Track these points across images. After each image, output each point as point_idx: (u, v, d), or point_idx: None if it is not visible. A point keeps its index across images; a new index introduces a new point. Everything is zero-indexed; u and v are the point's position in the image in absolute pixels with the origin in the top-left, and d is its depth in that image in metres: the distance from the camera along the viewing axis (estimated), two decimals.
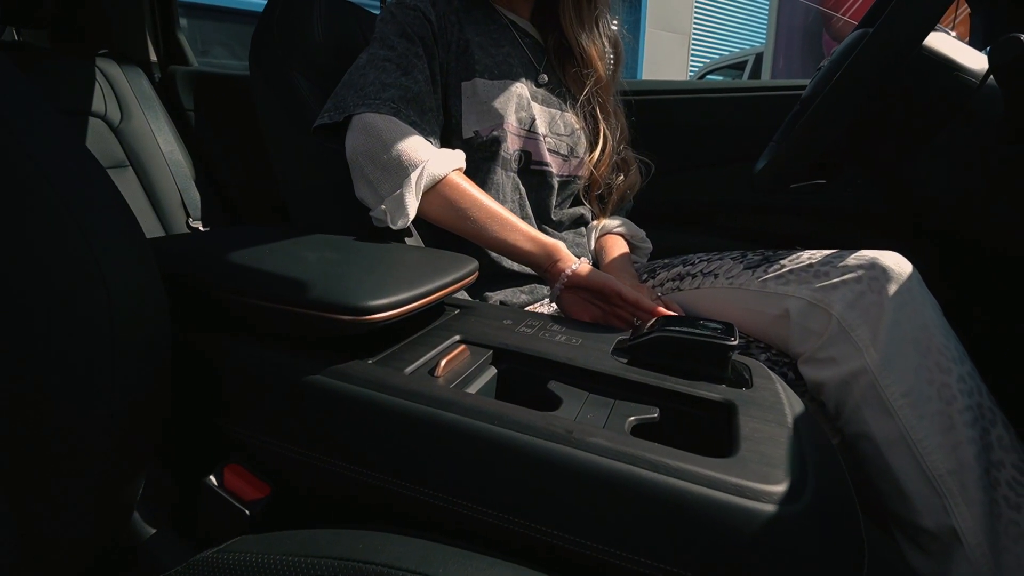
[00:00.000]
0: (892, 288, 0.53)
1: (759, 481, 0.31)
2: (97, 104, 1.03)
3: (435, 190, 0.62)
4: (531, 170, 0.75)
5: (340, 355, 0.40)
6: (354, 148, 0.62)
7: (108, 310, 0.28)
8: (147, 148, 1.06)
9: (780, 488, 0.31)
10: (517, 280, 0.73)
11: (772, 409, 0.40)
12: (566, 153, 0.77)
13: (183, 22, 1.39)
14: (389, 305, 0.40)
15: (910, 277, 0.54)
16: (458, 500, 0.35)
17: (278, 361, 0.40)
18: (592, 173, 0.80)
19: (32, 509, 0.28)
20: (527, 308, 0.72)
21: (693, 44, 7.54)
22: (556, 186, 0.77)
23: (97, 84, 1.05)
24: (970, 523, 0.49)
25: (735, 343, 0.43)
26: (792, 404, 0.41)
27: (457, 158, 0.65)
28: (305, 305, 0.39)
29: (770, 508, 0.30)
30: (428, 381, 0.39)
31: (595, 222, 0.85)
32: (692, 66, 7.42)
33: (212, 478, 0.39)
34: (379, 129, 0.61)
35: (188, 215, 1.06)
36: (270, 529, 0.33)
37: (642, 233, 0.86)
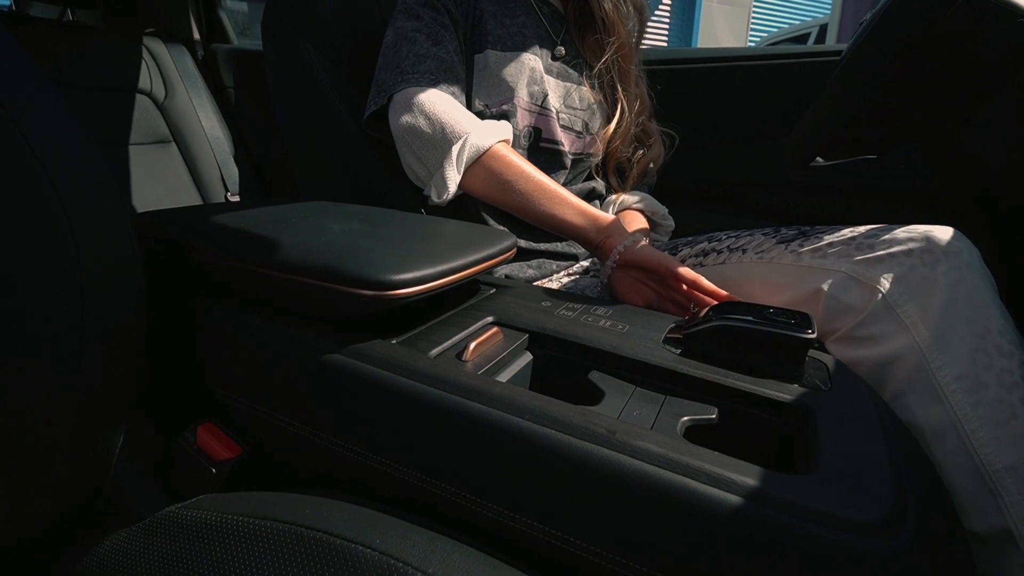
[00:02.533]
0: (948, 263, 0.47)
1: (846, 507, 0.25)
2: (143, 81, 1.05)
3: (479, 163, 0.59)
4: (541, 147, 0.70)
5: (361, 333, 0.37)
6: (398, 125, 0.60)
7: (77, 263, 0.27)
8: (189, 124, 1.07)
9: (874, 517, 0.25)
10: (525, 255, 0.70)
11: (858, 416, 0.33)
12: (580, 129, 0.72)
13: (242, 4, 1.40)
14: (415, 280, 0.36)
15: (968, 252, 0.48)
16: (475, 498, 0.31)
17: (290, 336, 0.37)
18: (609, 147, 0.74)
19: (7, 456, 0.28)
20: (534, 284, 0.68)
21: (753, 16, 7.07)
22: (568, 165, 0.72)
23: (144, 62, 1.06)
24: None
25: (813, 336, 0.37)
26: (881, 411, 0.35)
27: (503, 129, 0.62)
28: (322, 277, 0.35)
29: (862, 542, 0.24)
30: (455, 366, 0.35)
31: (613, 196, 0.78)
32: (751, 40, 6.98)
33: (185, 436, 0.38)
34: (420, 103, 0.59)
35: (227, 190, 1.07)
36: (240, 490, 0.33)
37: (664, 210, 0.78)
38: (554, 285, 0.69)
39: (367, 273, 0.35)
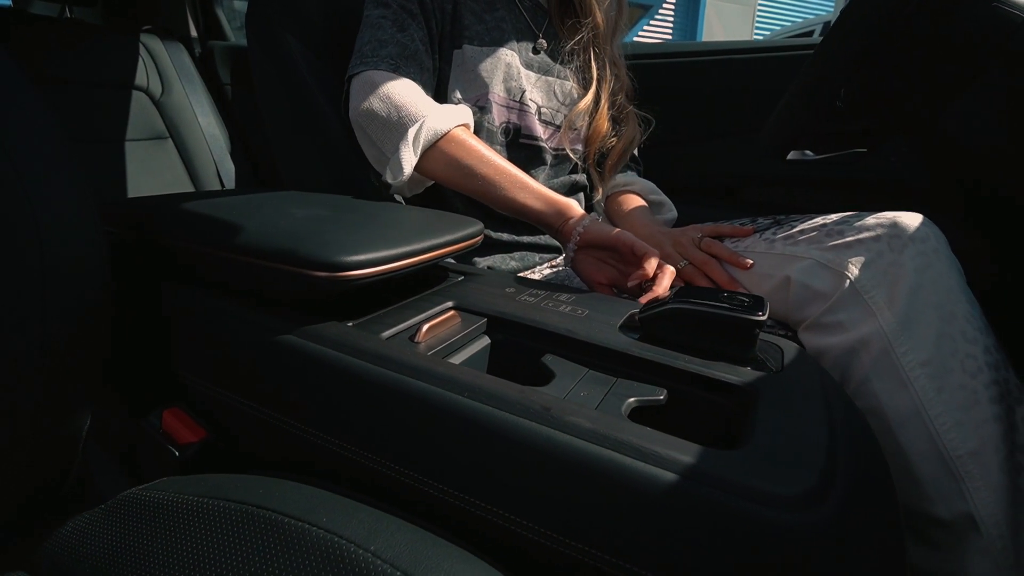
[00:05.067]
0: (915, 249, 0.47)
1: (769, 481, 0.25)
2: (140, 78, 1.07)
3: (437, 147, 0.59)
4: (520, 143, 0.70)
5: (315, 316, 0.38)
6: (355, 108, 0.60)
7: (38, 241, 0.28)
8: (186, 120, 1.09)
9: (795, 491, 0.25)
10: (507, 247, 0.70)
11: (804, 398, 0.33)
12: (561, 124, 0.72)
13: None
14: (369, 262, 0.37)
15: (935, 238, 0.48)
16: (422, 477, 0.31)
17: (248, 318, 0.38)
18: (592, 130, 0.74)
19: None
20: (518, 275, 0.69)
21: (758, 13, 7.01)
22: (548, 160, 0.72)
23: (141, 59, 1.08)
24: (992, 509, 0.43)
25: (763, 318, 0.37)
26: (830, 393, 0.35)
27: (462, 113, 0.62)
28: (276, 259, 0.36)
29: (779, 515, 0.24)
30: (405, 347, 0.36)
31: (598, 191, 0.78)
32: (756, 37, 6.92)
33: (151, 419, 0.39)
34: (377, 86, 0.59)
35: (223, 185, 1.09)
36: (205, 472, 0.33)
37: (657, 190, 0.79)
38: (536, 276, 0.70)
39: (320, 254, 0.36)
